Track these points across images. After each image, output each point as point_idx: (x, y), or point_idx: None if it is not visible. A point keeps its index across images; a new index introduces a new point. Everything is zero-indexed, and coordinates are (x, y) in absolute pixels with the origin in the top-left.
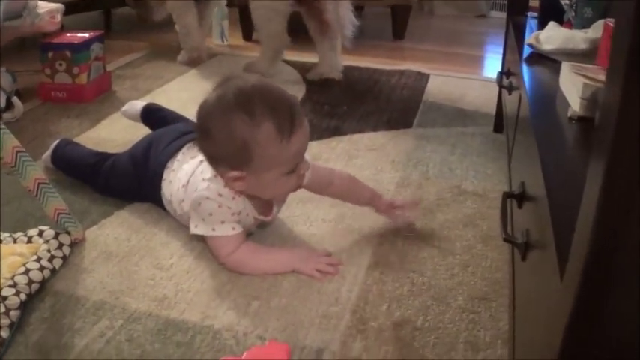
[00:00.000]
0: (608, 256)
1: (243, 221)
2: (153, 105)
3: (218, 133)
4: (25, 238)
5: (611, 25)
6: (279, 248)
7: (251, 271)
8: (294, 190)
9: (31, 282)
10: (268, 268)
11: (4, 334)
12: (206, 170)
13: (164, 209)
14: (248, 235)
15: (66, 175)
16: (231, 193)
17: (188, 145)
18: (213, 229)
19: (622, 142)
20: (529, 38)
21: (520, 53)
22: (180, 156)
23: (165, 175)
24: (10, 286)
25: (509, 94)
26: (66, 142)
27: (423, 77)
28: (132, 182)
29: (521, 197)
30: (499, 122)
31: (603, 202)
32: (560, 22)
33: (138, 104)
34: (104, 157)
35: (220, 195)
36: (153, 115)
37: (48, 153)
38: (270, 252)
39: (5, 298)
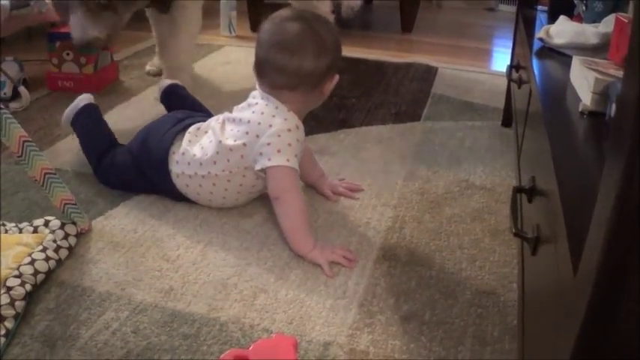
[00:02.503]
0: (625, 251)
1: (299, 156)
2: (175, 85)
3: (309, 61)
4: (31, 228)
5: (622, 19)
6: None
7: (289, 218)
8: None
9: (36, 272)
10: (299, 229)
11: (10, 324)
12: (269, 112)
13: (174, 197)
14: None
15: (80, 144)
16: (300, 124)
17: (191, 128)
18: (288, 160)
19: None
20: (539, 32)
21: (530, 47)
22: (186, 137)
23: (170, 160)
24: (15, 276)
25: (519, 87)
26: (90, 109)
27: (432, 70)
28: (132, 175)
29: (531, 192)
30: (507, 116)
31: (621, 197)
32: (571, 16)
33: (165, 82)
34: (110, 146)
35: (297, 127)
36: (173, 94)
37: (71, 111)
38: (307, 221)
39: (10, 288)
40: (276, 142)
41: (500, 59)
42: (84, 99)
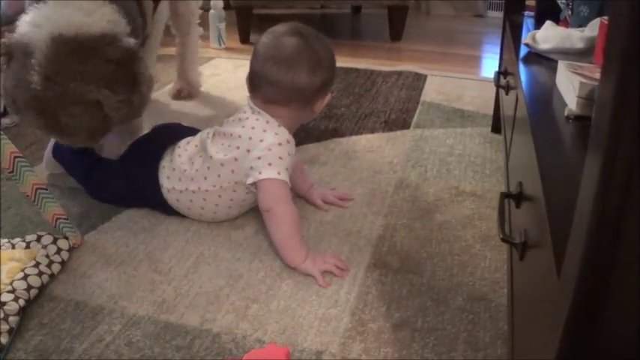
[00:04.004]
0: (606, 252)
1: (290, 171)
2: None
3: (303, 77)
4: (24, 244)
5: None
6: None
7: (280, 231)
8: None
9: (29, 287)
10: (290, 242)
11: (4, 339)
12: (260, 127)
13: (165, 211)
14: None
15: (66, 171)
16: (291, 139)
17: (181, 142)
18: (279, 173)
19: (618, 138)
20: (526, 38)
21: (517, 53)
22: (176, 152)
23: (161, 174)
24: (8, 292)
25: (507, 93)
26: None
27: (421, 78)
28: (123, 189)
29: (518, 197)
30: (497, 122)
31: (600, 198)
32: (557, 21)
33: None
34: (98, 162)
35: (288, 142)
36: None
37: (49, 148)
38: (299, 233)
39: (4, 304)
40: (267, 155)
41: (490, 65)
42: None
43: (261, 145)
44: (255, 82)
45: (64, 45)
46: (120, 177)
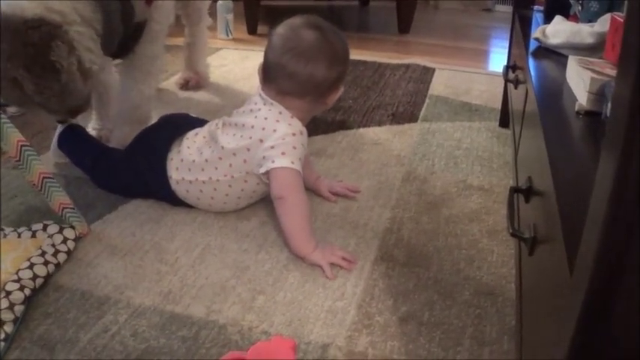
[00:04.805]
0: (620, 249)
1: (302, 162)
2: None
3: (321, 70)
4: (30, 233)
5: (618, 18)
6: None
7: (291, 219)
8: None
9: (35, 277)
10: (301, 230)
11: (9, 329)
12: (273, 117)
13: (171, 202)
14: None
15: (72, 162)
16: (304, 130)
17: (189, 134)
18: (292, 162)
19: (634, 136)
20: (535, 32)
21: (526, 47)
22: (184, 144)
23: (169, 166)
24: (14, 281)
25: (516, 88)
26: (72, 128)
27: (429, 71)
28: (130, 180)
29: (528, 192)
30: (505, 117)
31: (615, 195)
32: (566, 15)
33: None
34: (104, 152)
35: (301, 133)
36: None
37: (55, 139)
38: (310, 223)
39: (9, 293)
40: (280, 145)
41: (498, 60)
42: (60, 128)
43: (275, 135)
44: (271, 73)
45: (1, 23)
46: (127, 168)
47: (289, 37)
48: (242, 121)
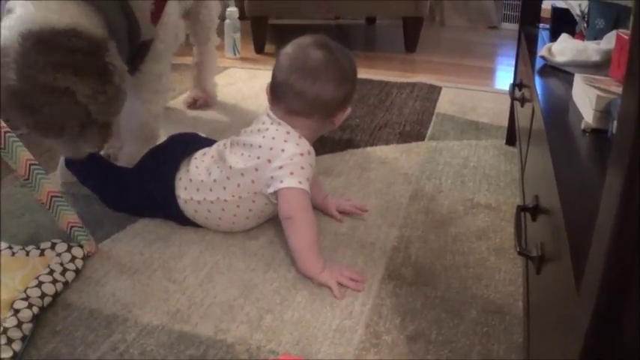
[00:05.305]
0: (627, 266)
1: (309, 182)
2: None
3: (330, 90)
4: (38, 251)
5: (623, 36)
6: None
7: (300, 239)
8: None
9: (43, 295)
10: (310, 250)
11: (17, 347)
12: (281, 137)
13: (180, 222)
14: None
15: (79, 181)
16: (311, 150)
17: (197, 153)
18: (300, 182)
19: None
20: (541, 50)
21: (532, 65)
22: (192, 163)
23: (177, 186)
24: (22, 299)
25: (522, 106)
26: None
27: (435, 89)
28: (138, 199)
29: (535, 210)
30: (511, 135)
31: (622, 213)
32: (572, 33)
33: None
34: (112, 171)
35: (309, 152)
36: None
37: (62, 158)
38: (318, 243)
39: (18, 311)
40: (288, 165)
41: (504, 77)
42: None
43: (283, 155)
44: (279, 92)
45: (31, 39)
46: (135, 187)
47: (297, 56)
48: (250, 140)
